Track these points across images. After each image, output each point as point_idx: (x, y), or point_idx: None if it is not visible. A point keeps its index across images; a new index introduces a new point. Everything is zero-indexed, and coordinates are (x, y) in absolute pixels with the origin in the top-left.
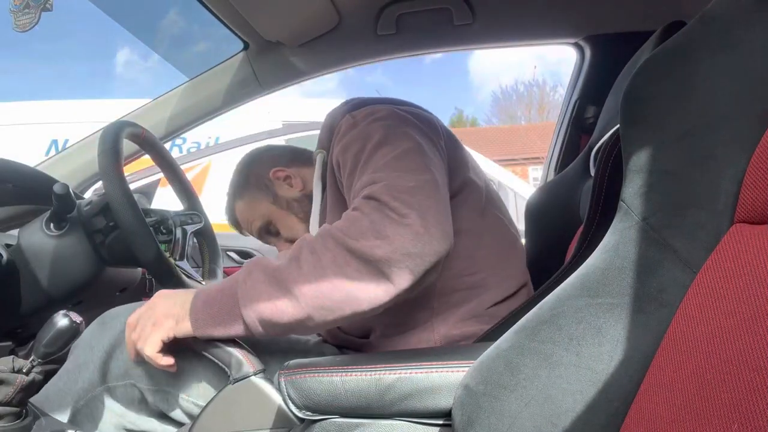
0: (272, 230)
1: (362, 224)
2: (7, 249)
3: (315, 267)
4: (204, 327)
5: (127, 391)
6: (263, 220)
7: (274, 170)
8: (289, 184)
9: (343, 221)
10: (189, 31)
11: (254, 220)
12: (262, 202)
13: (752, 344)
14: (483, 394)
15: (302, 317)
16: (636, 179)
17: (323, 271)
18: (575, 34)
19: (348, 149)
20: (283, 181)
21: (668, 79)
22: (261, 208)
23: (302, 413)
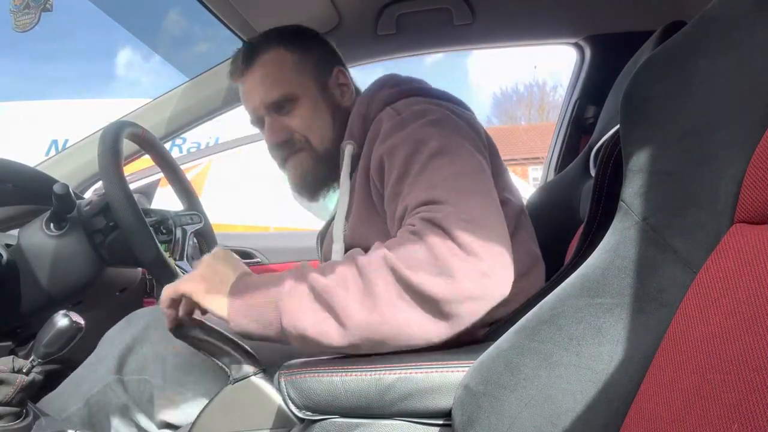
0: (286, 108)
1: (423, 255)
2: (7, 249)
3: (365, 295)
4: (240, 324)
5: (140, 386)
6: (290, 91)
7: (339, 69)
8: (341, 92)
9: (400, 246)
10: (189, 31)
11: (282, 83)
12: (307, 76)
13: (752, 344)
14: (483, 394)
15: (347, 345)
16: (636, 179)
17: (374, 301)
18: (575, 34)
19: (396, 151)
20: (338, 84)
21: (668, 79)
22: (302, 80)
23: (302, 413)
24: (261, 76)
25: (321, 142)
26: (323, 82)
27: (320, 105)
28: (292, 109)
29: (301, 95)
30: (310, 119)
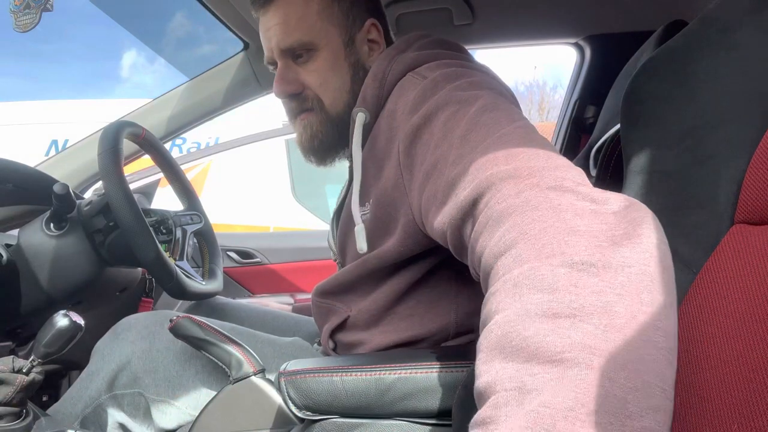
0: (303, 58)
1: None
2: (7, 249)
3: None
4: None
5: (134, 400)
6: (310, 39)
7: (373, 22)
8: (370, 48)
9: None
10: (189, 31)
11: (303, 28)
12: (334, 24)
13: (752, 344)
14: None
15: None
16: (636, 179)
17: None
18: (575, 34)
19: (436, 115)
20: (368, 40)
21: (668, 80)
22: (326, 28)
23: (302, 413)
24: (282, 15)
25: (333, 104)
26: (350, 35)
27: (340, 61)
28: (308, 59)
29: (321, 46)
30: (325, 76)
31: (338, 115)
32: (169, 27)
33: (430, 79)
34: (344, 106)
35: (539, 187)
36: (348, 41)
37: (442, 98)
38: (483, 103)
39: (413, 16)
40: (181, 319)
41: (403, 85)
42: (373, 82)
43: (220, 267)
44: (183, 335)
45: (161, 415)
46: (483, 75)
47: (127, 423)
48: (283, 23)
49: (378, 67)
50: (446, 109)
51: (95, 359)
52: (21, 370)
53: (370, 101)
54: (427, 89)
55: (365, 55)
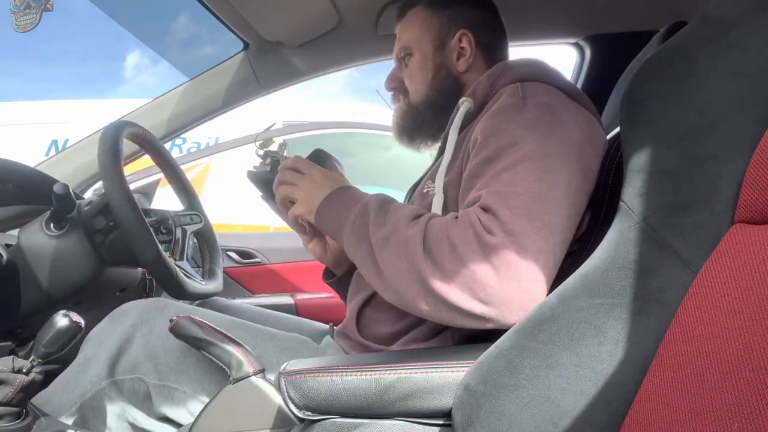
0: (405, 61)
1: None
2: (7, 249)
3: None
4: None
5: (134, 385)
6: (408, 45)
7: (464, 32)
8: (458, 55)
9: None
10: (189, 31)
11: (407, 38)
12: (430, 33)
13: (752, 344)
14: (483, 394)
15: (379, 290)
16: (636, 179)
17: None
18: (575, 34)
19: (496, 135)
20: (458, 47)
21: (668, 80)
22: (423, 36)
23: (302, 413)
24: (401, 27)
25: (414, 96)
26: (443, 42)
27: (428, 63)
28: (408, 62)
29: (416, 50)
30: (413, 72)
31: (416, 105)
32: (169, 27)
33: (523, 100)
34: (422, 98)
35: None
36: (439, 46)
37: (513, 123)
38: (534, 151)
39: None
40: (180, 319)
41: (507, 90)
42: (487, 80)
43: (220, 267)
44: (183, 335)
45: (161, 401)
46: (568, 115)
47: (127, 409)
48: (400, 33)
49: (496, 71)
50: (506, 136)
51: (90, 345)
52: (21, 370)
53: (478, 95)
54: (514, 105)
55: (452, 59)
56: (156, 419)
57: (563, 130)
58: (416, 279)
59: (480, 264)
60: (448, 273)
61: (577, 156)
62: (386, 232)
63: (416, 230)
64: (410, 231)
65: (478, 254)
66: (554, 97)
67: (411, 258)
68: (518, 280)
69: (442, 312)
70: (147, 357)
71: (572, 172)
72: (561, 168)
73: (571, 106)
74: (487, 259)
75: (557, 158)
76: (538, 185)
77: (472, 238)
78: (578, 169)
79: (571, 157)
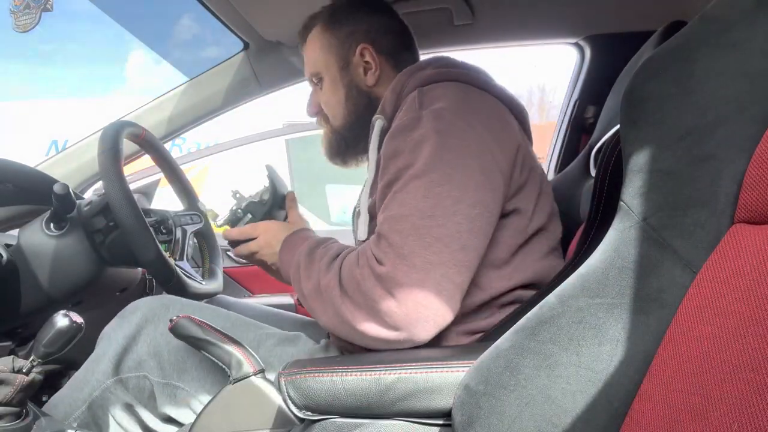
0: (319, 84)
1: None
2: (7, 249)
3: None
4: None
5: (140, 383)
6: (317, 70)
7: (364, 46)
8: (365, 70)
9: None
10: (189, 31)
11: (313, 61)
12: (332, 53)
13: (752, 344)
14: (483, 394)
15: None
16: (636, 179)
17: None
18: (575, 34)
19: (396, 157)
20: (363, 62)
21: (668, 79)
22: (327, 58)
23: (302, 413)
24: (305, 53)
25: (334, 118)
26: (347, 60)
27: (338, 84)
28: (321, 85)
29: (324, 73)
30: (328, 97)
31: (339, 127)
32: (170, 28)
33: (418, 114)
34: (342, 120)
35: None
36: (343, 66)
37: (409, 142)
38: (426, 168)
39: (413, 16)
40: (180, 319)
41: (408, 101)
42: (392, 95)
43: (220, 267)
44: (183, 335)
45: (167, 399)
46: (464, 120)
47: (134, 407)
48: (305, 59)
49: (398, 81)
50: (403, 158)
51: (102, 343)
52: (21, 370)
53: (388, 110)
54: (413, 118)
55: (360, 75)
56: (161, 420)
57: (459, 135)
58: (341, 320)
59: (380, 295)
60: (360, 309)
61: (476, 154)
62: (313, 283)
63: (332, 275)
64: (328, 278)
65: (377, 287)
66: (453, 98)
67: (332, 302)
68: (414, 299)
69: (368, 342)
70: (152, 355)
71: (468, 174)
72: (451, 177)
73: (475, 102)
74: (385, 289)
75: (446, 168)
76: (423, 202)
77: (368, 273)
78: (477, 166)
79: (467, 159)
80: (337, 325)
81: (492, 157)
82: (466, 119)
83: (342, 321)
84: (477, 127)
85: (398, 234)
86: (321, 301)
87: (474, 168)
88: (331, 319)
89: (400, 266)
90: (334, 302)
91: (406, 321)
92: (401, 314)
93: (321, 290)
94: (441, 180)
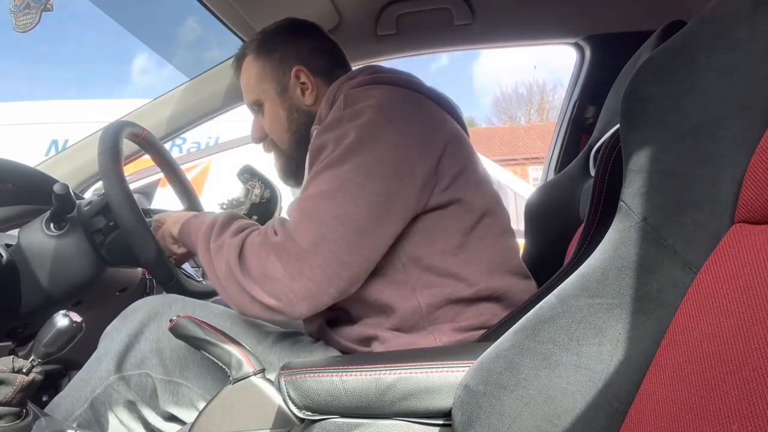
0: (260, 111)
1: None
2: (7, 249)
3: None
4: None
5: (142, 380)
6: (256, 98)
7: (298, 68)
8: (302, 90)
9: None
10: (189, 31)
11: (251, 90)
12: (267, 81)
13: (752, 344)
14: (483, 394)
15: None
16: (636, 179)
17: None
18: (575, 34)
19: (318, 153)
20: (299, 84)
21: (668, 79)
22: (263, 86)
23: (302, 413)
24: (241, 82)
25: (281, 142)
26: (283, 85)
27: (278, 109)
28: (262, 111)
29: (263, 100)
30: (271, 122)
31: (288, 149)
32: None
33: (340, 114)
34: (289, 143)
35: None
36: (281, 90)
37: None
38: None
39: (413, 16)
40: (180, 318)
41: (335, 106)
42: (326, 104)
43: None
44: (183, 335)
45: (167, 396)
46: (379, 120)
47: (136, 404)
48: (243, 88)
49: (330, 91)
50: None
51: (104, 342)
52: (21, 370)
53: (323, 116)
54: (336, 118)
55: (298, 97)
56: (163, 417)
57: (376, 130)
58: (233, 278)
59: (271, 261)
60: (251, 272)
61: (390, 147)
62: (221, 241)
63: (238, 239)
64: (234, 239)
65: (271, 254)
66: (376, 98)
67: (228, 261)
68: (299, 269)
69: (248, 306)
70: (154, 352)
71: (378, 165)
72: (360, 166)
73: (398, 99)
74: (277, 257)
75: (358, 159)
76: (329, 184)
77: (263, 240)
78: (389, 159)
79: (380, 151)
80: (229, 282)
81: (407, 151)
82: (387, 115)
83: (234, 279)
84: (396, 122)
85: (299, 211)
86: (222, 257)
87: (386, 160)
88: (225, 274)
89: (294, 236)
90: (230, 262)
91: (288, 293)
92: (285, 285)
93: (224, 248)
94: (350, 168)
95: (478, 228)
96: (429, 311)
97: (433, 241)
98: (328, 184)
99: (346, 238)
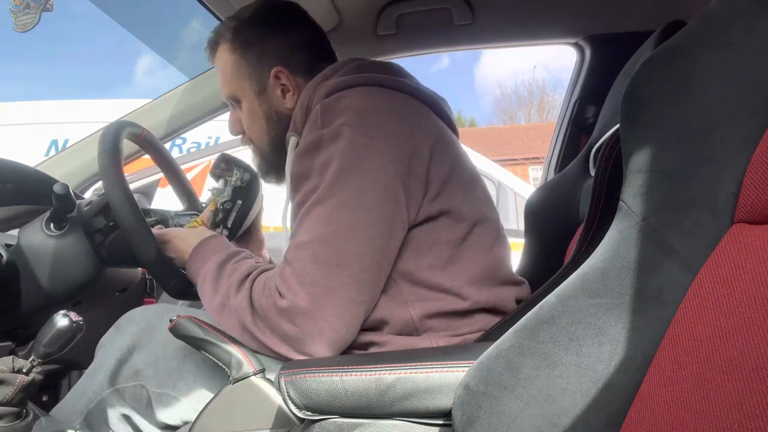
0: (238, 105)
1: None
2: (7, 249)
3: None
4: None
5: (137, 392)
6: (233, 93)
7: (278, 69)
8: (282, 92)
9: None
10: (188, 31)
11: (227, 84)
12: (245, 78)
13: (752, 344)
14: (483, 394)
15: None
16: (636, 179)
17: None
18: (575, 34)
19: (302, 181)
20: (279, 85)
21: (668, 79)
22: (240, 83)
23: (302, 413)
24: (217, 72)
25: (260, 143)
26: (262, 86)
27: (256, 109)
28: (240, 107)
29: (241, 98)
30: (249, 121)
31: (267, 149)
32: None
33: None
34: (268, 144)
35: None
36: (259, 91)
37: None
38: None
39: (413, 16)
40: (181, 318)
41: (311, 118)
42: (301, 110)
43: None
44: (183, 335)
45: (163, 408)
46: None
47: (131, 417)
48: (219, 79)
49: (305, 96)
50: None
51: (99, 355)
52: (21, 370)
53: (299, 126)
54: (316, 137)
55: (278, 100)
56: (158, 428)
57: (359, 153)
58: (251, 338)
59: (284, 325)
60: (268, 333)
61: (376, 170)
62: (221, 298)
63: (242, 296)
64: (239, 298)
65: (281, 319)
66: (354, 110)
67: (243, 323)
68: (316, 325)
69: (273, 354)
70: (148, 364)
71: (367, 194)
72: (348, 201)
73: (379, 107)
74: (288, 320)
75: (345, 192)
76: (323, 228)
77: (272, 305)
78: (378, 183)
79: (367, 179)
80: (246, 338)
81: (395, 168)
82: (368, 133)
83: (252, 338)
84: (378, 140)
85: (299, 262)
86: (229, 316)
87: (375, 185)
88: (240, 333)
89: (301, 294)
90: (244, 321)
91: (309, 343)
92: (303, 338)
93: (230, 308)
94: (340, 204)
95: (468, 238)
96: (422, 323)
97: (422, 255)
98: (322, 228)
99: (354, 280)
